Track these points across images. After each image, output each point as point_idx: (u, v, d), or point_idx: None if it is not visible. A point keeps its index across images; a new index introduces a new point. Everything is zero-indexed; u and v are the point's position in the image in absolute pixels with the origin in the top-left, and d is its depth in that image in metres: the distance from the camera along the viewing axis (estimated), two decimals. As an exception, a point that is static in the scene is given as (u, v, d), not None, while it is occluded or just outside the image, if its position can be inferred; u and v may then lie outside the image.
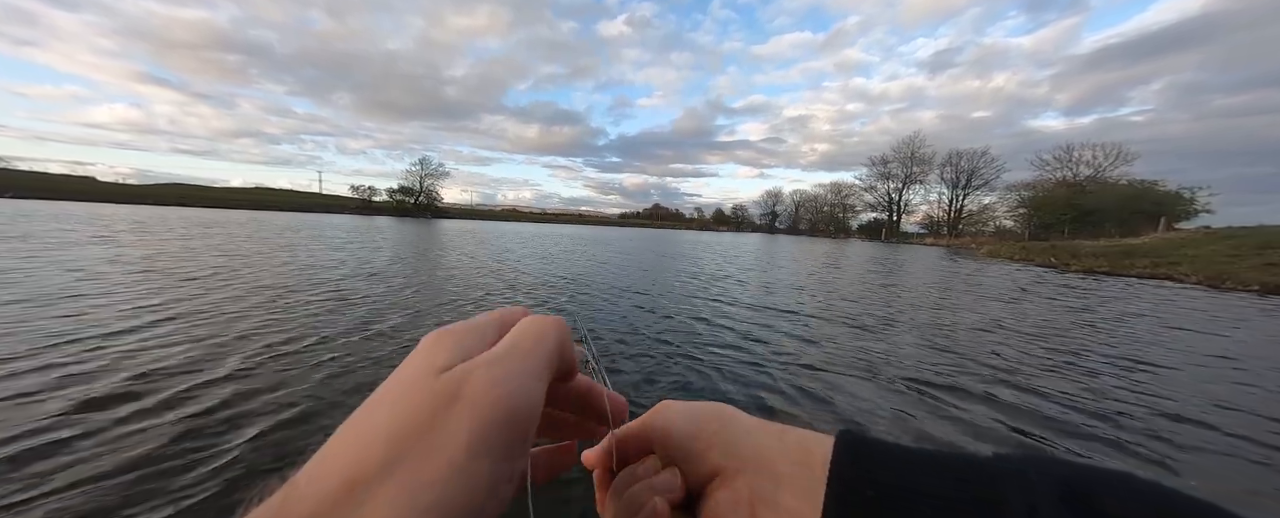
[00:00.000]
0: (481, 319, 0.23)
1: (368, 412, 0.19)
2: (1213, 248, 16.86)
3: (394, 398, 0.19)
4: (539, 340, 0.22)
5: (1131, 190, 39.84)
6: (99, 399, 2.32)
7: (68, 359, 2.81)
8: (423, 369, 0.20)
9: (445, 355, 0.20)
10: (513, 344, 0.22)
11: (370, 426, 0.18)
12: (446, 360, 0.20)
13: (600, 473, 0.29)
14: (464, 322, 0.23)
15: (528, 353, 0.21)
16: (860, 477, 0.20)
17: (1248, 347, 4.78)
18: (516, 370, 0.20)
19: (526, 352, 0.21)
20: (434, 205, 68.44)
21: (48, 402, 2.25)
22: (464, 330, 0.22)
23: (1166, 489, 0.18)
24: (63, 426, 2.04)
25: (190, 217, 24.85)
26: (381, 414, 0.18)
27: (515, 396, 0.19)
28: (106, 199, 50.24)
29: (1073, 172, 46.17)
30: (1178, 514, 0.17)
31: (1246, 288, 11.18)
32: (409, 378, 0.20)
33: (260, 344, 3.31)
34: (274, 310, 4.35)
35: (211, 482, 1.74)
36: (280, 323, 3.93)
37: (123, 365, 2.77)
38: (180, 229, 14.42)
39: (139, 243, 9.59)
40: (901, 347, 4.19)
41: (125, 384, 2.50)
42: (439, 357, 0.20)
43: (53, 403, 2.24)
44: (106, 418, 2.14)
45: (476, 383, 0.19)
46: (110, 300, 4.36)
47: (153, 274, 5.92)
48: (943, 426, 2.56)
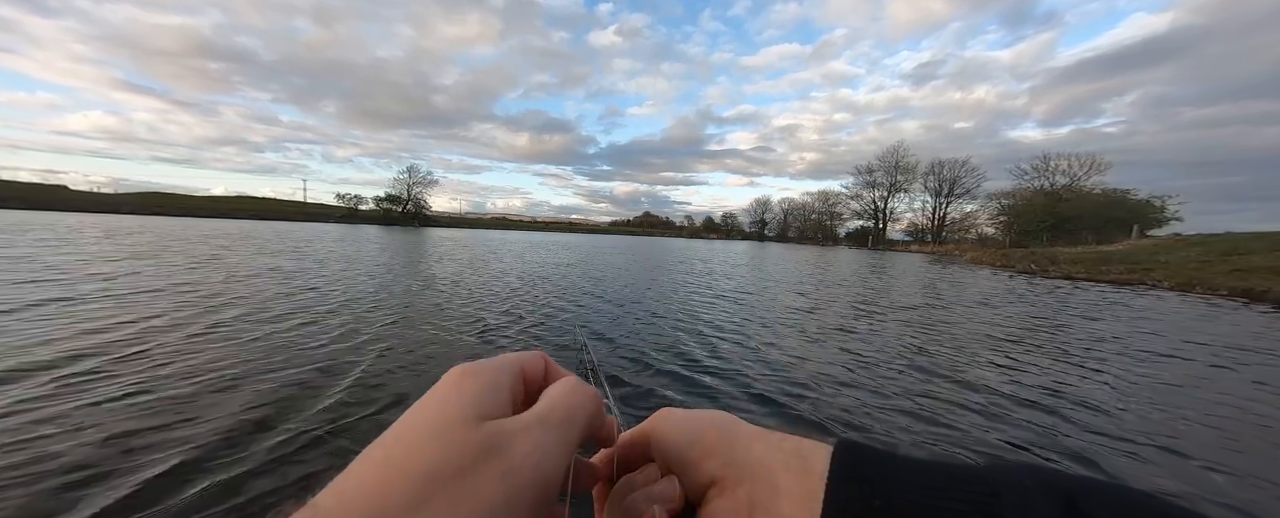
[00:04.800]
0: (504, 362, 0.24)
1: (397, 446, 0.19)
2: (1184, 254, 17.41)
3: (426, 437, 0.19)
4: (574, 412, 0.23)
5: (1106, 199, 41.14)
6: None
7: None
8: (457, 414, 0.20)
9: (477, 403, 0.20)
10: (550, 410, 0.22)
11: (401, 461, 0.18)
12: (480, 410, 0.20)
13: (599, 482, 0.29)
14: (487, 362, 0.23)
15: (561, 424, 0.22)
16: (858, 486, 0.20)
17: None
18: (551, 443, 0.21)
19: (561, 422, 0.22)
20: (422, 214, 67.66)
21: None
22: (490, 372, 0.22)
23: (1164, 503, 0.18)
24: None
25: (143, 225, 24.14)
26: (413, 451, 0.18)
27: (545, 468, 0.20)
28: (77, 209, 48.73)
29: (1050, 181, 47.44)
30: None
31: (1215, 293, 11.48)
32: (442, 419, 0.19)
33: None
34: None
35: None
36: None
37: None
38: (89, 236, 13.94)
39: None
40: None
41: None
42: (471, 403, 0.20)
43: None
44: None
45: (519, 446, 0.19)
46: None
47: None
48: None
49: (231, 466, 1.89)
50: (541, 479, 0.19)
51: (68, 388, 2.53)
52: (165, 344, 3.40)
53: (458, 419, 0.19)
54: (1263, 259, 14.10)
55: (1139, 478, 2.18)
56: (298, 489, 1.79)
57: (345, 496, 0.17)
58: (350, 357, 3.34)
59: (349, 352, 3.46)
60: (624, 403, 2.73)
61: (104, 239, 12.73)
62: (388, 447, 0.19)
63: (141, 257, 8.83)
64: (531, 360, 0.25)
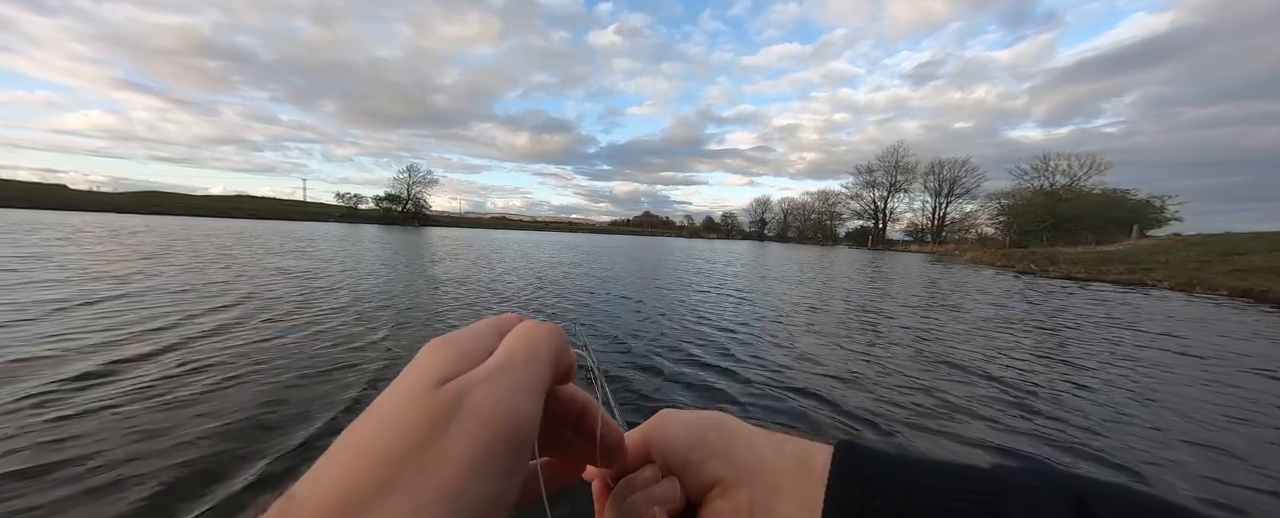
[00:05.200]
0: (480, 326, 0.23)
1: (364, 426, 0.18)
2: (1183, 254, 17.47)
3: (391, 413, 0.18)
4: (534, 350, 0.22)
5: (1106, 199, 41.20)
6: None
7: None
8: (419, 383, 0.19)
9: (443, 367, 0.19)
10: (509, 355, 0.21)
11: (368, 441, 0.17)
12: (443, 373, 0.19)
13: (599, 483, 0.29)
14: (463, 330, 0.22)
15: (524, 364, 0.21)
16: (859, 486, 0.20)
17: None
18: (515, 384, 0.20)
19: (523, 362, 0.21)
20: (422, 213, 67.65)
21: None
22: (464, 339, 0.21)
23: (1174, 506, 0.18)
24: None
25: (131, 224, 24.12)
26: (378, 429, 0.18)
27: (515, 412, 0.19)
28: (77, 208, 48.64)
29: (1050, 181, 47.55)
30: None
31: (1215, 293, 11.56)
32: (406, 391, 0.19)
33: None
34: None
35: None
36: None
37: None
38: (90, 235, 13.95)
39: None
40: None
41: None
42: (436, 369, 0.19)
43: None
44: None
45: (475, 398, 0.18)
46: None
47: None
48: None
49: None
50: (513, 423, 0.19)
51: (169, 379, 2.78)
52: (242, 334, 3.72)
53: (418, 388, 0.19)
54: (1263, 259, 14.17)
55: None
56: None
57: (317, 482, 0.16)
58: (368, 351, 3.42)
59: (368, 342, 3.53)
60: (625, 405, 2.75)
61: (125, 238, 12.73)
62: (355, 429, 0.18)
63: (158, 255, 8.87)
64: (508, 321, 0.24)
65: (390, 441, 0.17)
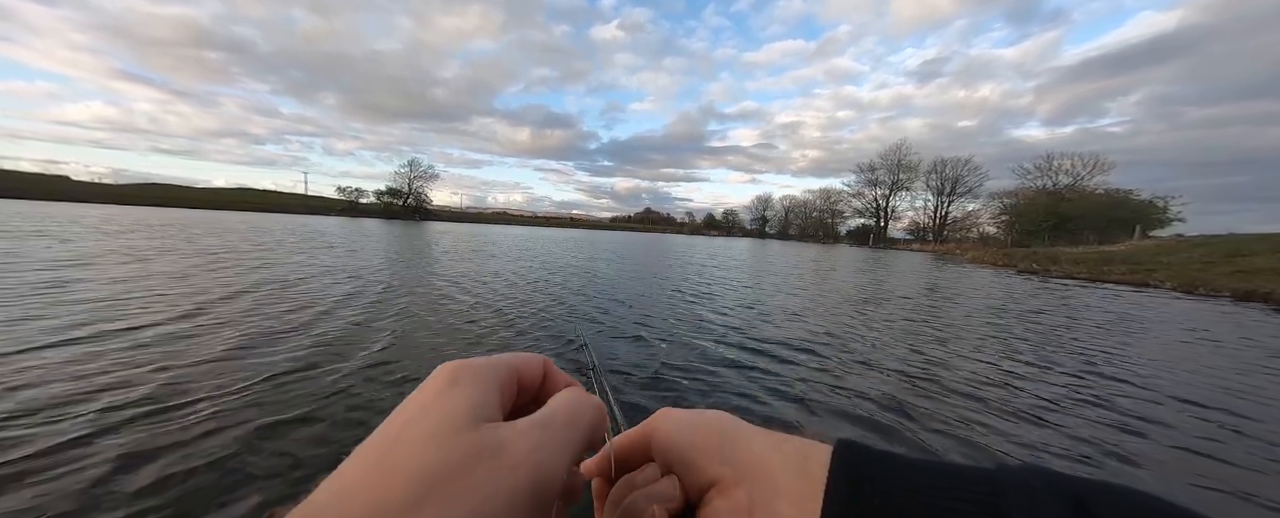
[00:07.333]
0: (499, 361, 0.24)
1: (398, 445, 0.18)
2: (1186, 255, 17.43)
3: (427, 436, 0.19)
4: (576, 418, 0.23)
5: (1109, 199, 41.06)
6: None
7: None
8: (460, 415, 0.20)
9: (477, 402, 0.20)
10: (552, 414, 0.22)
11: (402, 459, 0.18)
12: (479, 408, 0.20)
13: (598, 482, 0.29)
14: (481, 359, 0.23)
15: (564, 427, 0.22)
16: (859, 485, 0.20)
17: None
18: (555, 447, 0.21)
19: (563, 425, 0.22)
20: (423, 208, 67.64)
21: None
22: (484, 372, 0.22)
23: (1174, 507, 0.18)
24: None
25: (142, 217, 24.17)
26: (415, 451, 0.18)
27: (548, 472, 0.20)
28: (80, 199, 48.67)
29: (1053, 180, 47.34)
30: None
31: (1218, 294, 11.53)
32: (443, 419, 0.19)
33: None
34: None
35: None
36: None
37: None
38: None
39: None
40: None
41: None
42: (472, 402, 0.20)
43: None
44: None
45: (518, 449, 0.19)
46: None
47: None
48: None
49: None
50: (542, 478, 0.19)
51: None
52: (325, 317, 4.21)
53: (458, 420, 0.19)
54: (1265, 261, 14.14)
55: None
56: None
57: (343, 494, 0.17)
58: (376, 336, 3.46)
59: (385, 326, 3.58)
60: (625, 403, 2.75)
61: (174, 232, 12.73)
62: (384, 447, 0.19)
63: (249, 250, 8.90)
64: (529, 363, 0.25)
65: (428, 464, 0.18)
